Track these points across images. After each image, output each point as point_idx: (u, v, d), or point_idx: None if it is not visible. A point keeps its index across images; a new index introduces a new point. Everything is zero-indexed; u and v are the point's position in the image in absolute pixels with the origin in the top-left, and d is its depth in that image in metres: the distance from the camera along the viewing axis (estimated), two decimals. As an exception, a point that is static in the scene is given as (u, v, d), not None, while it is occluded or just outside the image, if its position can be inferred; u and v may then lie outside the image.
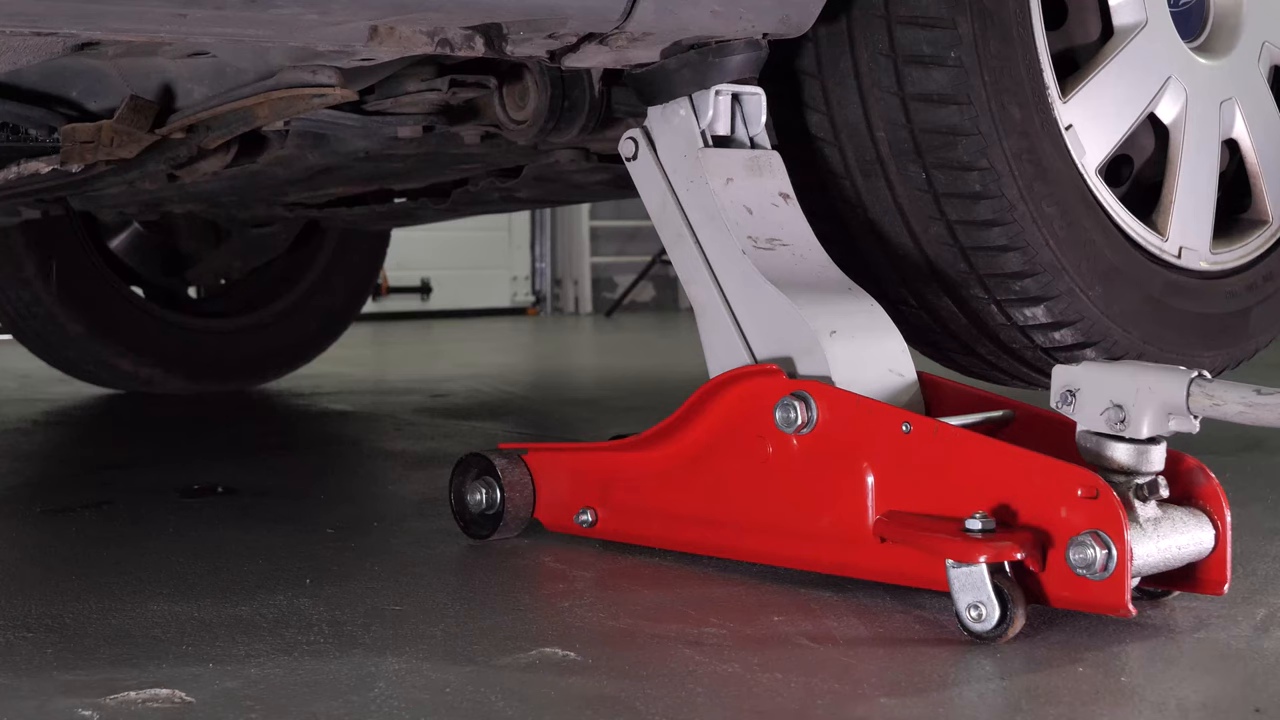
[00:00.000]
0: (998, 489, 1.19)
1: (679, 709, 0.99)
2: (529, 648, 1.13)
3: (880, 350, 1.42)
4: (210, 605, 1.28)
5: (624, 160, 1.58)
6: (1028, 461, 1.18)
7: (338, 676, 1.06)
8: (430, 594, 1.32)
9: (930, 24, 1.57)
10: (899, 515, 1.25)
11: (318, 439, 2.63)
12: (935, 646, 1.14)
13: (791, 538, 1.33)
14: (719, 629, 1.19)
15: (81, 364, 3.33)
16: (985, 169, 1.59)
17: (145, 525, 1.70)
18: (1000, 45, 1.60)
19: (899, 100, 1.60)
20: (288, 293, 3.50)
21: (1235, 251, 1.90)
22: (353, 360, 4.38)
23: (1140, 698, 1.02)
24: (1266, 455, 2.15)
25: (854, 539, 1.27)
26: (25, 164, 1.74)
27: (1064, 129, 1.67)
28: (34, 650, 1.14)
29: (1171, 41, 1.80)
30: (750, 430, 1.36)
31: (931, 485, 1.23)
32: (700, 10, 1.43)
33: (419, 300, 8.30)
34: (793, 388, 1.33)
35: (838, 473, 1.29)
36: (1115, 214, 1.72)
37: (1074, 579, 1.13)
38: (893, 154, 1.63)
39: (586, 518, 1.49)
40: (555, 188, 2.47)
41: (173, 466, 2.21)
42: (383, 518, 1.73)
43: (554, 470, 1.52)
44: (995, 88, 1.59)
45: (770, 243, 1.49)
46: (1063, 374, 1.23)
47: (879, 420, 1.27)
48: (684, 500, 1.42)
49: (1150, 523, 1.16)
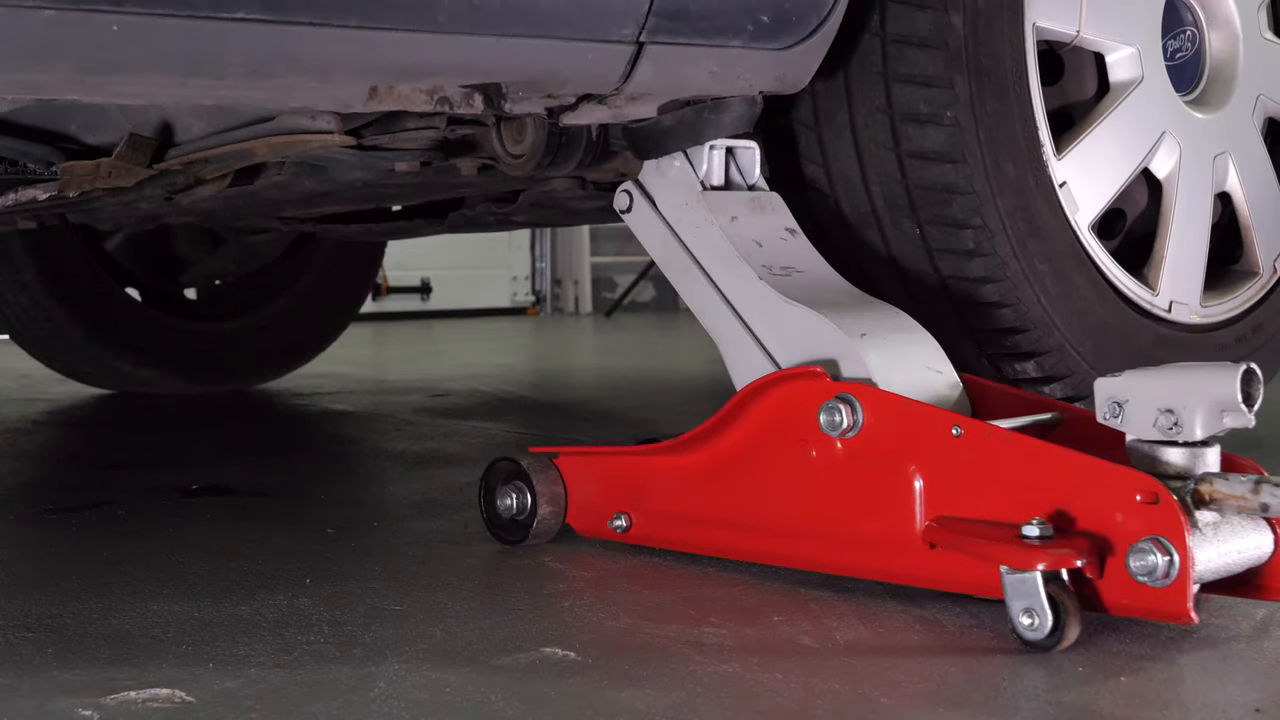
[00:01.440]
0: (1053, 494, 1.17)
1: (679, 709, 0.99)
2: (529, 648, 1.13)
3: (916, 350, 1.41)
4: (210, 605, 1.28)
5: (618, 212, 1.59)
6: (1085, 466, 1.16)
7: (338, 676, 1.06)
8: (430, 594, 1.32)
9: (927, 82, 1.58)
10: (950, 521, 1.22)
11: (318, 439, 2.63)
12: (935, 647, 1.14)
13: (834, 543, 1.30)
14: (719, 629, 1.19)
15: (80, 366, 3.33)
16: (979, 227, 1.60)
17: (145, 525, 1.70)
18: (996, 104, 1.60)
19: (895, 156, 1.60)
20: (286, 294, 3.50)
21: (1225, 304, 1.91)
22: (353, 360, 4.38)
23: (1141, 698, 1.02)
24: (1268, 455, 2.15)
25: (901, 544, 1.25)
26: (23, 191, 1.75)
27: (1058, 186, 1.67)
28: (34, 650, 1.14)
29: (1167, 96, 1.81)
30: (792, 433, 1.33)
31: (983, 490, 1.21)
32: (698, 71, 1.43)
33: (419, 300, 8.30)
34: (837, 390, 1.30)
35: (884, 477, 1.26)
36: (1107, 269, 1.73)
37: (1134, 586, 1.11)
38: (887, 208, 1.63)
39: (620, 523, 1.46)
40: (551, 213, 2.48)
41: (173, 466, 2.21)
42: (383, 518, 1.73)
43: (586, 475, 1.50)
44: (990, 146, 1.59)
45: (785, 270, 1.49)
46: (1107, 386, 1.21)
47: (927, 423, 1.25)
48: (721, 505, 1.39)
49: (1210, 528, 1.13)
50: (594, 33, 1.34)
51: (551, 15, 1.30)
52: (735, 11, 1.42)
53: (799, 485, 1.33)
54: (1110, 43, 1.76)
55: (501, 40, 1.28)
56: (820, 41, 1.50)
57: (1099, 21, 1.73)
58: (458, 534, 1.60)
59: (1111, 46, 1.76)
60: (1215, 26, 1.93)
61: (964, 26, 1.58)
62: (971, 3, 1.58)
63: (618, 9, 1.33)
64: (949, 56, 1.57)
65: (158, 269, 3.43)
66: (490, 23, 1.26)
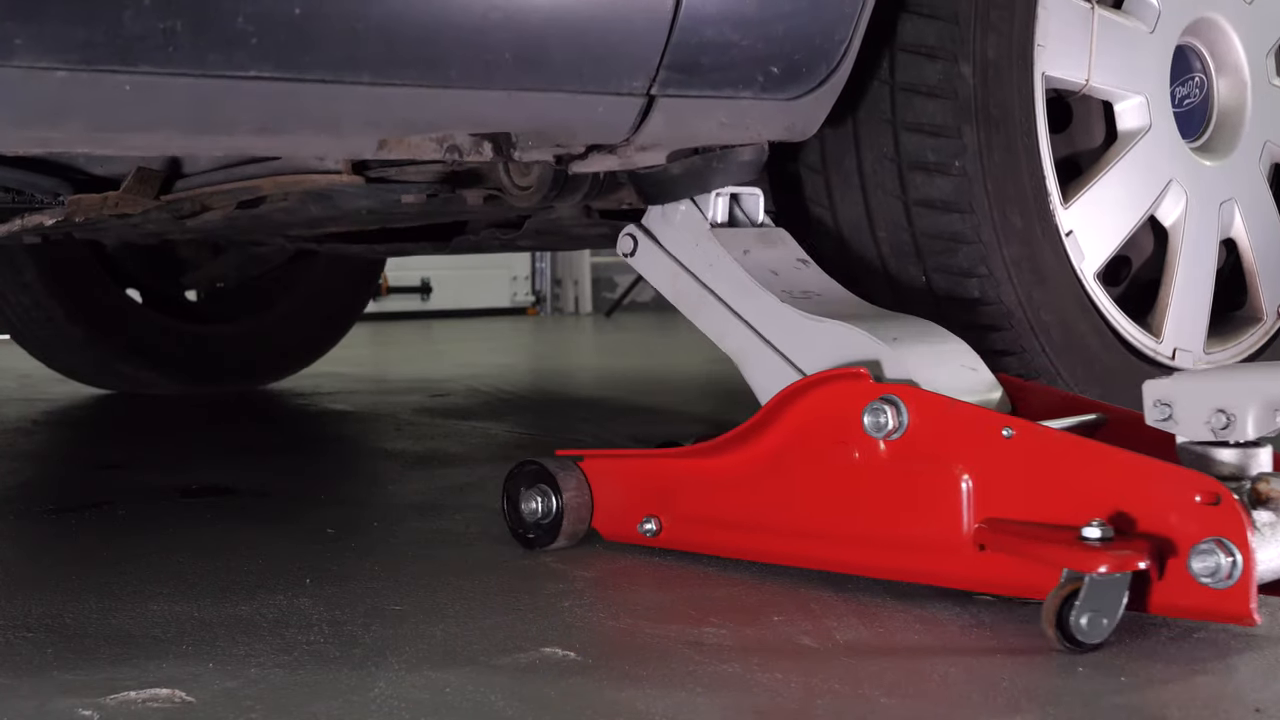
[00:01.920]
0: (1112, 496, 1.16)
1: (679, 709, 0.99)
2: (529, 648, 1.13)
3: (950, 352, 1.41)
4: (210, 605, 1.28)
5: (621, 254, 1.59)
6: (1142, 467, 1.15)
7: (338, 676, 1.06)
8: (430, 594, 1.32)
9: (936, 132, 1.58)
10: (1002, 523, 1.21)
11: (318, 439, 2.63)
12: (936, 647, 1.14)
13: (877, 546, 1.29)
14: (719, 629, 1.19)
15: (80, 367, 3.33)
16: (985, 275, 1.60)
17: (145, 525, 1.70)
18: (1004, 155, 1.60)
19: (902, 204, 1.60)
20: (287, 298, 3.49)
21: (1229, 350, 1.91)
22: (353, 360, 4.38)
23: (1142, 698, 1.02)
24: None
25: (948, 547, 1.24)
26: (29, 217, 1.75)
27: (1065, 235, 1.67)
28: (34, 650, 1.14)
29: (1174, 144, 1.80)
30: (833, 435, 1.31)
31: (1036, 492, 1.20)
32: (709, 121, 1.43)
33: (419, 300, 8.29)
34: (881, 391, 1.28)
35: (930, 479, 1.25)
36: (1111, 317, 1.73)
37: (1194, 587, 1.10)
38: (893, 254, 1.63)
39: (650, 526, 1.44)
40: (556, 238, 2.48)
41: (173, 466, 2.21)
42: (383, 518, 1.73)
43: (613, 478, 1.47)
44: (998, 196, 1.59)
45: (805, 294, 1.49)
46: (1155, 389, 1.20)
47: (976, 425, 1.24)
48: (758, 508, 1.37)
49: (1268, 527, 1.12)
50: (605, 85, 1.33)
51: (563, 69, 1.30)
52: (746, 64, 1.41)
53: (840, 488, 1.31)
54: (1119, 91, 1.75)
55: (512, 94, 1.28)
56: (829, 92, 1.50)
57: (1108, 70, 1.73)
58: (458, 534, 1.60)
59: (1120, 95, 1.76)
60: (1224, 73, 1.93)
61: (973, 76, 1.57)
62: (981, 52, 1.58)
63: (630, 63, 1.33)
64: (958, 106, 1.57)
65: (159, 271, 3.43)
66: (502, 77, 1.25)
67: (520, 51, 1.25)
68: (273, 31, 1.10)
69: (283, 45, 1.11)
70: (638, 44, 1.32)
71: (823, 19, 1.45)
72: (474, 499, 1.84)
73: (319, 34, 1.13)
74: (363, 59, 1.17)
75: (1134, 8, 1.79)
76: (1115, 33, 1.74)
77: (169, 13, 1.05)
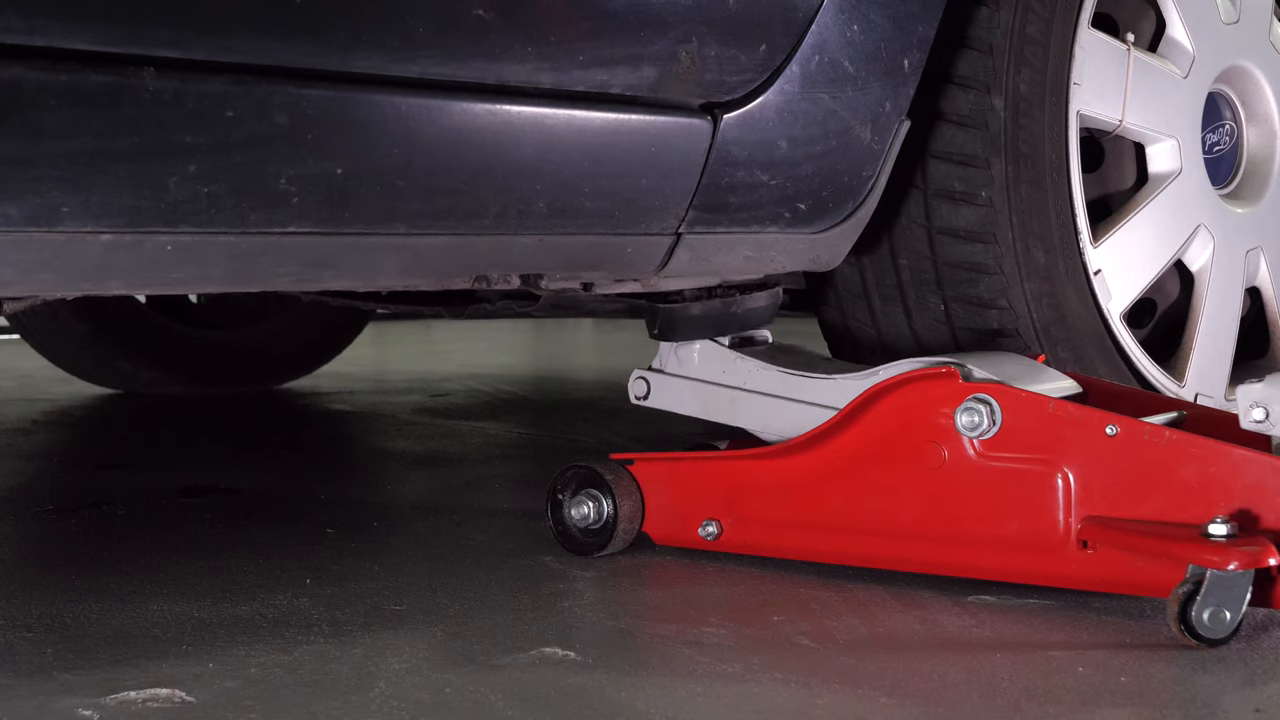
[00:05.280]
0: (1230, 493, 1.16)
1: (679, 709, 0.99)
2: (529, 648, 1.13)
3: (1009, 356, 1.41)
4: (210, 605, 1.28)
5: (634, 399, 1.60)
6: (1259, 464, 1.16)
7: (338, 676, 1.06)
8: (430, 594, 1.32)
9: (964, 161, 1.58)
10: (1109, 521, 1.21)
11: (318, 439, 2.63)
12: (936, 646, 1.14)
13: (969, 546, 1.28)
14: (719, 629, 1.19)
15: (82, 364, 3.34)
16: (1004, 308, 1.59)
17: (145, 525, 1.70)
18: (1031, 190, 1.60)
19: (925, 232, 1.60)
20: (292, 307, 3.50)
21: None
22: (353, 360, 4.38)
23: (1141, 698, 1.02)
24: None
25: (1048, 546, 1.23)
26: None
27: (1093, 274, 1.67)
28: (34, 650, 1.14)
29: (1204, 190, 1.81)
30: (921, 435, 1.30)
31: (1146, 490, 1.20)
32: (734, 257, 1.43)
33: (419, 300, 8.29)
34: (971, 390, 1.28)
35: (1028, 478, 1.25)
36: (1136, 359, 1.72)
37: None
38: (913, 282, 1.63)
39: (711, 529, 1.43)
40: (572, 310, 2.49)
41: (173, 466, 2.21)
42: (383, 518, 1.73)
43: (666, 481, 1.46)
44: (1023, 230, 1.59)
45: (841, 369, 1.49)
46: (1250, 393, 1.21)
47: (1078, 423, 1.23)
48: (835, 509, 1.36)
49: None
50: (635, 228, 1.33)
51: (596, 215, 1.30)
52: (773, 202, 1.41)
53: (928, 487, 1.30)
54: (1152, 133, 1.76)
55: (544, 239, 1.28)
56: (855, 225, 1.50)
57: (1142, 111, 1.73)
58: (458, 534, 1.60)
59: (1153, 137, 1.77)
60: (1254, 122, 1.95)
61: (1005, 109, 1.57)
62: (1014, 87, 1.58)
63: (661, 206, 1.32)
64: (988, 138, 1.57)
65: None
66: (534, 224, 1.25)
67: (554, 201, 1.25)
68: (314, 191, 1.11)
69: (323, 203, 1.12)
70: (670, 188, 1.32)
71: (851, 157, 1.44)
72: (474, 499, 1.84)
73: (360, 191, 1.13)
74: (400, 212, 1.17)
75: (1169, 52, 1.80)
76: (1150, 76, 1.75)
77: (213, 178, 1.05)
